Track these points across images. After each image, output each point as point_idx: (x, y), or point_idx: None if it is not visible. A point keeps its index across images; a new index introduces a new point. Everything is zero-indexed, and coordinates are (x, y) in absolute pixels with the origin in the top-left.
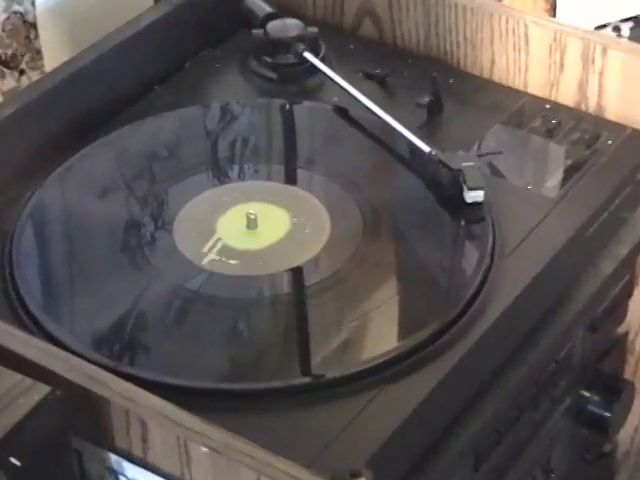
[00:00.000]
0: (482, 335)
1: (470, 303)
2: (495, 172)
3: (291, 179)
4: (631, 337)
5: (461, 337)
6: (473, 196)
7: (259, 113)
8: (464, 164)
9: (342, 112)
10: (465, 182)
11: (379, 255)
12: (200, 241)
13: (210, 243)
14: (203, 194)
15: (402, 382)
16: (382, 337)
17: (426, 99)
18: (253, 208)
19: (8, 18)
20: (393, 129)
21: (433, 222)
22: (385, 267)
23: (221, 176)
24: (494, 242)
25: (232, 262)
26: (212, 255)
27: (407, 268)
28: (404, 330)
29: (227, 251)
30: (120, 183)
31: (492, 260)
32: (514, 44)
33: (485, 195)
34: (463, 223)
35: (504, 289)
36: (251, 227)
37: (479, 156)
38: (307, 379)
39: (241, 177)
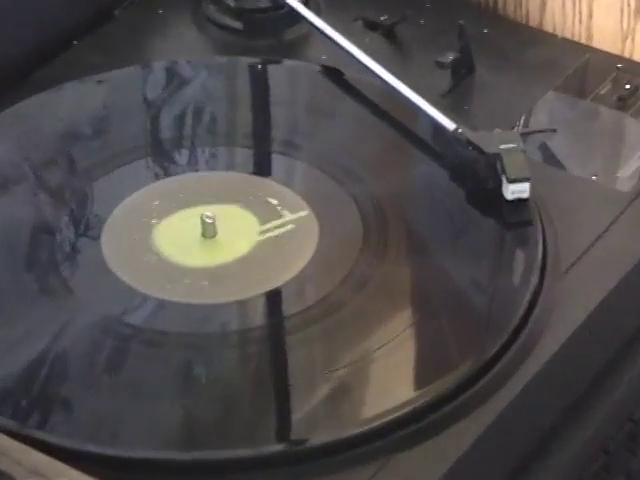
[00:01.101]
0: (528, 384)
1: (512, 339)
2: (547, 157)
3: (264, 168)
4: None
5: (499, 387)
6: (515, 191)
7: (219, 77)
8: (503, 147)
9: (334, 75)
10: (504, 172)
11: (386, 273)
12: (139, 256)
13: (153, 258)
14: (142, 190)
15: (417, 450)
16: (390, 387)
17: (450, 57)
18: (211, 210)
19: None
20: (405, 99)
21: (460, 227)
22: (394, 290)
23: (166, 164)
24: (545, 253)
25: (184, 284)
26: (156, 275)
27: (425, 291)
28: (421, 377)
29: (176, 269)
30: (26, 172)
31: (543, 278)
32: None
33: (532, 189)
34: (502, 228)
35: (560, 318)
36: (208, 236)
37: (524, 135)
38: (284, 446)
39: (194, 166)
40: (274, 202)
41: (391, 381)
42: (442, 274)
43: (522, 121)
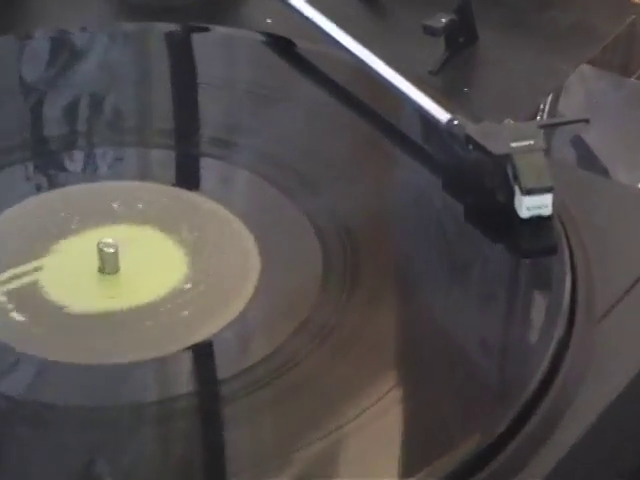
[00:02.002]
0: (554, 468)
1: (531, 407)
2: (581, 158)
3: (188, 177)
4: None
5: (514, 471)
6: (533, 206)
7: (125, 49)
8: (515, 145)
9: (284, 47)
10: (517, 179)
11: (355, 320)
12: (16, 297)
13: (34, 301)
14: (16, 206)
15: None
16: (362, 474)
17: (443, 19)
18: (112, 235)
19: None
20: (382, 79)
21: (458, 257)
22: (367, 343)
23: (52, 171)
24: (575, 295)
25: (76, 339)
26: (37, 326)
27: (409, 345)
28: (406, 462)
29: (65, 318)
30: None
31: (571, 330)
32: None
33: (557, 203)
34: (515, 258)
35: (594, 384)
36: (108, 271)
37: (546, 128)
38: None
39: (90, 173)
40: (201, 224)
41: (364, 467)
42: (433, 322)
43: (541, 109)
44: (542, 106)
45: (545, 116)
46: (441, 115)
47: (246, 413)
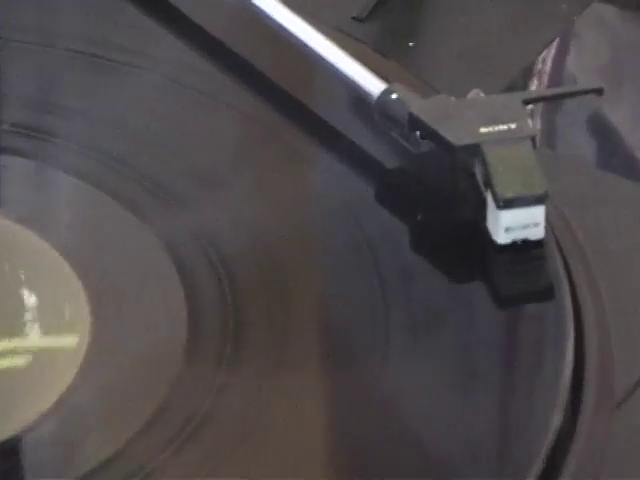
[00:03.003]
0: None
1: None
2: (599, 150)
3: None
4: None
5: None
6: (514, 225)
7: None
8: (486, 130)
9: None
10: (490, 184)
11: (244, 406)
12: None
13: None
14: None
15: None
16: None
17: None
18: None
19: None
20: (283, 30)
21: (401, 305)
22: (264, 443)
23: None
24: (580, 364)
25: None
26: None
27: (333, 442)
28: None
29: None
30: None
31: (576, 416)
32: None
33: (553, 222)
34: (489, 308)
35: None
36: None
37: (533, 103)
38: None
39: None
40: (18, 264)
41: None
42: (368, 407)
43: (537, 71)
44: (538, 66)
45: (538, 85)
46: (371, 85)
47: None
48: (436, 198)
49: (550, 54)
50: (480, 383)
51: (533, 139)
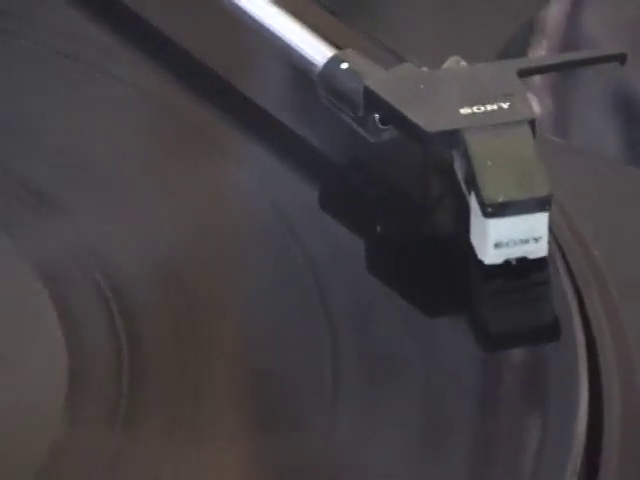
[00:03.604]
0: None
1: None
2: (626, 139)
3: None
4: None
5: None
6: (507, 239)
7: None
8: (468, 112)
9: None
10: (474, 184)
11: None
12: None
13: None
14: None
15: None
16: None
17: None
18: None
19: None
20: None
21: (373, 343)
22: None
23: None
24: (597, 425)
25: None
26: None
27: None
28: None
29: None
30: None
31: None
32: None
33: (561, 235)
34: (476, 349)
35: None
36: None
37: (531, 75)
38: None
39: None
40: None
41: None
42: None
43: (537, 33)
44: (543, 25)
45: (541, 49)
46: (314, 52)
47: None
48: (402, 204)
49: (560, 8)
50: (458, 453)
51: (532, 124)
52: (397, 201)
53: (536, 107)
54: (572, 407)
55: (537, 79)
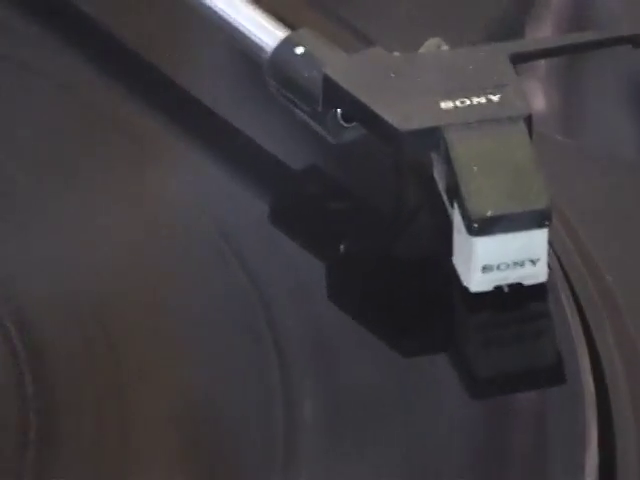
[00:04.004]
0: None
1: None
2: None
3: None
4: None
5: None
6: (498, 262)
7: None
8: (448, 105)
9: None
10: (458, 194)
11: None
12: None
13: None
14: None
15: None
16: None
17: None
18: None
19: None
20: None
21: (334, 389)
22: None
23: None
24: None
25: None
26: None
27: None
28: None
29: None
30: None
31: None
32: None
33: (561, 262)
34: (467, 396)
35: None
36: None
37: (526, 62)
38: None
39: None
40: None
41: None
42: None
43: (538, 8)
44: None
45: (544, 29)
46: (264, 34)
47: None
48: (369, 219)
49: None
50: None
51: (528, 120)
52: (364, 215)
53: (534, 100)
54: (578, 474)
55: (537, 66)
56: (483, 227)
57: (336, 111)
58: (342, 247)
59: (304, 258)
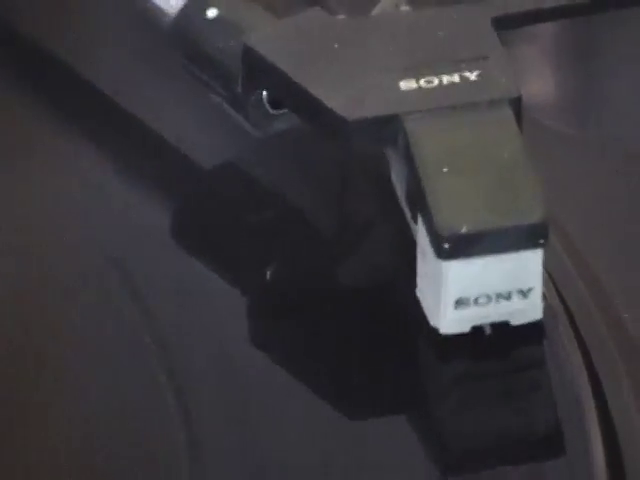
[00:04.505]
0: None
1: None
2: None
3: None
4: None
5: None
6: (475, 292)
7: None
8: (410, 86)
9: None
10: (426, 207)
11: None
12: None
13: None
14: None
15: None
16: None
17: None
18: None
19: None
20: None
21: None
22: None
23: None
24: None
25: None
26: None
27: None
28: None
29: None
30: None
31: None
32: None
33: (561, 294)
34: (441, 464)
35: None
36: None
37: (509, 27)
38: None
39: None
40: None
41: None
42: None
43: None
44: None
45: None
46: None
47: None
48: (304, 235)
49: None
50: None
51: (516, 104)
52: (297, 231)
53: (525, 78)
54: None
55: (530, 33)
56: (456, 248)
57: (261, 94)
58: (267, 273)
59: (217, 287)
